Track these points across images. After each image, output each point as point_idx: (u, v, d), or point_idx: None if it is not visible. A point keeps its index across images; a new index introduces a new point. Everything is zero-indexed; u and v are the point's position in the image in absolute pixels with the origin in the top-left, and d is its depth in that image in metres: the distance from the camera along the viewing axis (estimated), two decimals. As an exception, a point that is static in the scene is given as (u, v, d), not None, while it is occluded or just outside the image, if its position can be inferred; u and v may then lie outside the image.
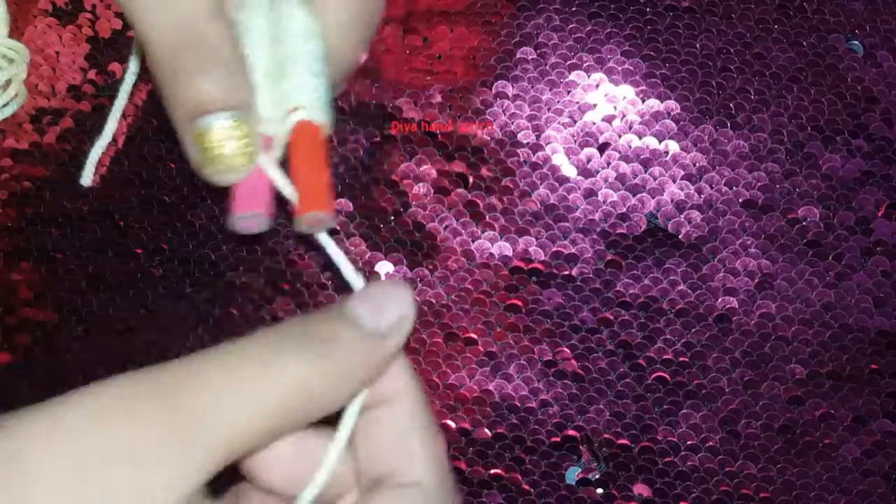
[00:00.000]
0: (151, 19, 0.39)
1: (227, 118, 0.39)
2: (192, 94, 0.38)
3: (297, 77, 0.41)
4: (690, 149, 0.54)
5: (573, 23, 0.54)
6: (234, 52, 0.40)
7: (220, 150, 0.39)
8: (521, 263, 0.54)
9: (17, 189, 0.57)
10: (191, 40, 0.39)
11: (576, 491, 0.53)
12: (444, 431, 0.54)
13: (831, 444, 0.52)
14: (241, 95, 0.39)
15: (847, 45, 0.53)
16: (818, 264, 0.53)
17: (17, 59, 0.57)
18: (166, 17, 0.38)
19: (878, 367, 0.52)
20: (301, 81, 0.41)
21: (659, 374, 0.53)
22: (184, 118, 0.39)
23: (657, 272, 0.53)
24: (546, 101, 0.54)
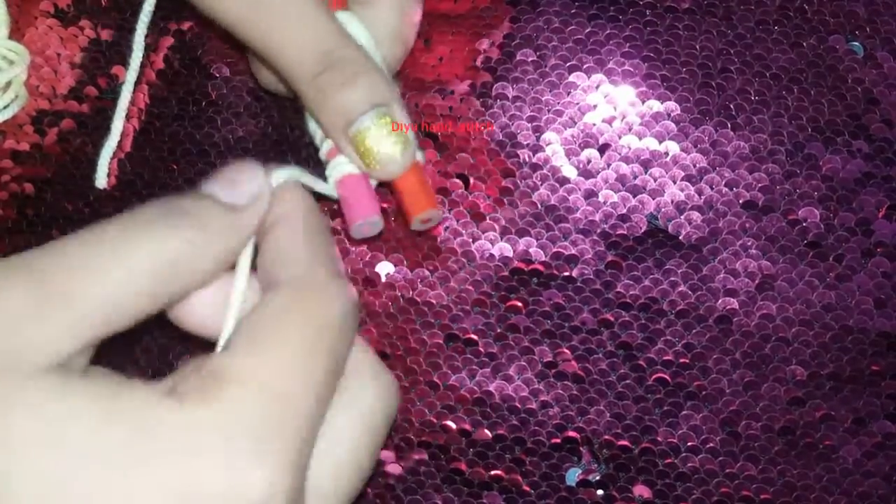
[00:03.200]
0: (291, 47, 0.45)
1: (376, 115, 0.44)
2: (342, 105, 0.44)
3: None
4: (691, 150, 0.54)
5: (573, 25, 0.55)
6: (367, 60, 0.45)
7: (378, 144, 0.44)
8: (522, 264, 0.54)
9: (18, 190, 0.57)
10: (331, 61, 0.44)
11: (576, 492, 0.53)
12: (444, 432, 0.54)
13: (832, 446, 0.52)
14: (385, 94, 0.45)
15: (847, 46, 0.53)
16: (819, 265, 0.53)
17: (18, 60, 0.57)
18: (303, 44, 0.45)
19: (878, 368, 0.52)
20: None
21: (659, 375, 0.53)
22: (340, 127, 0.45)
23: (658, 273, 0.53)
24: (546, 103, 0.54)
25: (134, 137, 0.57)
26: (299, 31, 0.45)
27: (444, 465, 0.54)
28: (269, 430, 0.34)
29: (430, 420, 0.54)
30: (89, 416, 0.33)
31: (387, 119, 0.45)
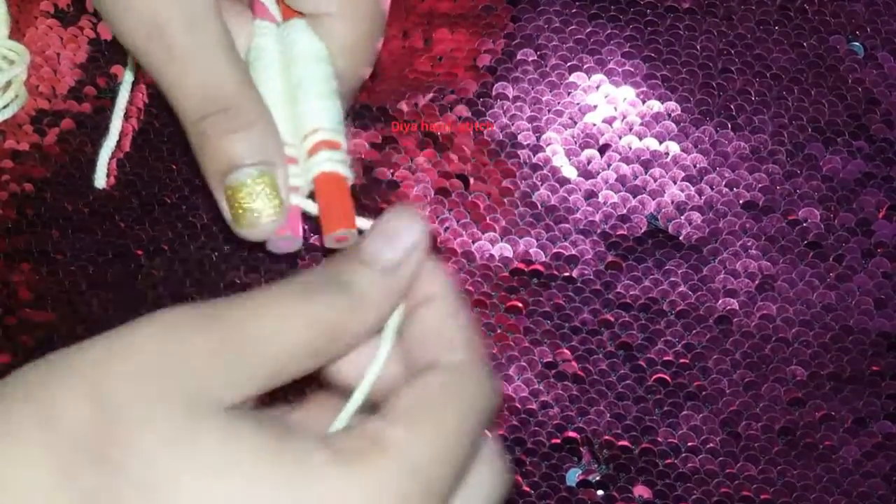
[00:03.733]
0: (181, 86, 0.42)
1: (256, 173, 0.42)
2: (223, 153, 0.42)
3: (311, 101, 0.44)
4: (691, 150, 0.54)
5: (573, 24, 0.54)
6: (261, 111, 0.43)
7: (251, 204, 0.42)
8: (522, 265, 0.54)
9: (18, 190, 0.57)
10: (220, 105, 0.42)
11: (576, 493, 0.53)
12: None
13: (832, 446, 0.52)
14: (270, 152, 0.43)
15: (848, 46, 0.53)
16: (819, 266, 0.53)
17: (18, 60, 0.57)
18: (195, 84, 0.42)
19: (878, 368, 0.52)
20: (316, 105, 0.44)
21: (659, 375, 0.53)
22: (216, 175, 0.42)
23: (658, 274, 0.53)
24: (546, 103, 0.54)
25: (133, 137, 0.57)
26: (194, 71, 0.42)
27: (444, 466, 0.54)
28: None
29: (431, 420, 0.54)
30: (255, 462, 0.35)
31: (267, 179, 0.42)
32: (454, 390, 0.38)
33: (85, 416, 0.34)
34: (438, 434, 0.37)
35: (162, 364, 0.35)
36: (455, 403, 0.38)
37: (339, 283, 0.38)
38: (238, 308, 0.37)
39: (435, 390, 0.38)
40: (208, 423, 0.34)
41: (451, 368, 0.39)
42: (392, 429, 0.37)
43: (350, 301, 0.38)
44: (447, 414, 0.37)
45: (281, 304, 0.37)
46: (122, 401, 0.34)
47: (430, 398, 0.38)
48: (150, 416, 0.34)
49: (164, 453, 0.34)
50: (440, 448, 0.37)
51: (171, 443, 0.34)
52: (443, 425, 0.37)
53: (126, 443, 0.33)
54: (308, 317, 0.37)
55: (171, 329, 0.35)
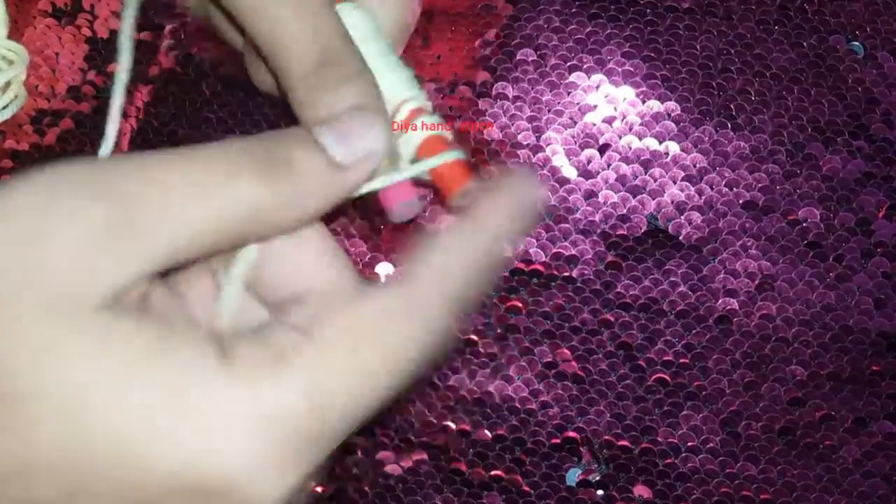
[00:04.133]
0: (296, 44, 0.42)
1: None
2: (337, 103, 0.41)
3: (386, 76, 0.44)
4: (691, 150, 0.54)
5: (573, 24, 0.54)
6: (361, 62, 0.43)
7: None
8: (522, 265, 0.54)
9: (17, 190, 0.57)
10: (330, 58, 0.42)
11: (576, 492, 0.53)
12: (444, 433, 0.54)
13: (832, 446, 0.52)
14: (372, 99, 0.42)
15: (848, 46, 0.53)
16: (819, 266, 0.53)
17: (17, 60, 0.57)
18: (308, 39, 0.42)
19: (878, 368, 0.52)
20: (394, 78, 0.44)
21: (659, 375, 0.53)
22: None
23: (658, 273, 0.53)
24: (546, 103, 0.54)
25: (132, 137, 0.57)
26: (307, 25, 0.42)
27: (444, 466, 0.54)
28: (304, 438, 0.33)
29: (431, 421, 0.54)
30: (128, 372, 0.32)
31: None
32: (395, 323, 0.34)
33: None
34: (358, 368, 0.33)
35: (28, 253, 0.32)
36: (391, 338, 0.34)
37: (276, 160, 0.35)
38: (139, 177, 0.33)
39: (373, 318, 0.34)
40: (79, 327, 0.32)
41: (401, 296, 0.35)
42: (303, 343, 0.34)
43: (286, 186, 0.35)
44: (376, 348, 0.34)
45: (200, 174, 0.34)
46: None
47: (365, 325, 0.34)
48: (13, 322, 0.32)
49: (28, 366, 0.32)
50: (356, 384, 0.33)
51: (38, 352, 0.32)
52: (367, 361, 0.34)
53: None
54: (228, 196, 0.34)
55: (53, 198, 0.32)
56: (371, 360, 0.34)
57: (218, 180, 0.34)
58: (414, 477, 0.54)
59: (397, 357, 0.34)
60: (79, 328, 0.32)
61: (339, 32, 0.43)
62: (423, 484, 0.54)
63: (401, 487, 0.54)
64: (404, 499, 0.54)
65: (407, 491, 0.54)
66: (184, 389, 0.32)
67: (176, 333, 0.33)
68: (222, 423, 0.32)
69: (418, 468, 0.54)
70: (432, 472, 0.54)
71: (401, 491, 0.54)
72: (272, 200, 0.35)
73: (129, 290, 0.33)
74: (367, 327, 0.34)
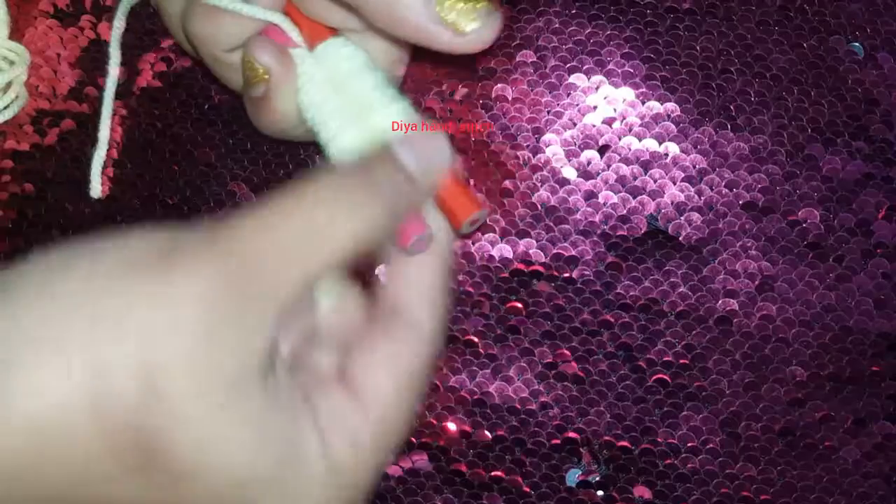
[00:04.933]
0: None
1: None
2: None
3: (383, 108, 0.45)
4: (690, 151, 0.54)
5: (573, 26, 0.54)
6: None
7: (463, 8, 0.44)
8: (522, 266, 0.54)
9: (18, 191, 0.57)
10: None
11: (576, 493, 0.53)
12: (444, 434, 0.54)
13: (832, 447, 0.52)
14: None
15: (848, 47, 0.53)
16: (819, 266, 0.53)
17: (18, 61, 0.57)
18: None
19: (878, 368, 0.52)
20: (392, 110, 0.45)
21: (659, 376, 0.53)
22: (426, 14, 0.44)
23: (658, 274, 0.53)
24: (546, 104, 0.54)
25: (136, 138, 0.57)
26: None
27: (444, 467, 0.54)
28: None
29: (431, 421, 0.54)
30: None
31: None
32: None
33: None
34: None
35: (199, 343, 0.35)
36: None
37: (367, 185, 0.39)
38: (249, 221, 0.37)
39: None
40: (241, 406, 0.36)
41: (414, 329, 0.42)
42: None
43: (375, 213, 0.39)
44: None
45: (311, 220, 0.37)
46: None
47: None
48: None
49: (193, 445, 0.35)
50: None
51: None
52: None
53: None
54: (337, 237, 0.38)
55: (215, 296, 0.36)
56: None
57: (324, 223, 0.37)
58: (414, 478, 0.54)
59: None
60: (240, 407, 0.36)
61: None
62: (423, 485, 0.54)
63: (401, 488, 0.54)
64: (404, 500, 0.54)
65: (407, 492, 0.54)
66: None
67: (301, 423, 0.38)
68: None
69: (418, 469, 0.54)
70: (432, 473, 0.54)
71: (401, 492, 0.54)
72: (367, 232, 0.39)
73: (270, 368, 0.37)
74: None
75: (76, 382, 0.34)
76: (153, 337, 0.34)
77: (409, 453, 0.54)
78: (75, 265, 0.36)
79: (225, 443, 0.35)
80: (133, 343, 0.34)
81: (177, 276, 0.35)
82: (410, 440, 0.54)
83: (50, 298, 0.35)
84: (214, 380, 0.35)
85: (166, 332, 0.34)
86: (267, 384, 0.36)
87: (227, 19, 0.46)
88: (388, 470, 0.54)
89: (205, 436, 0.35)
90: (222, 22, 0.46)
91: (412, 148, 0.41)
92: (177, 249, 0.36)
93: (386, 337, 0.42)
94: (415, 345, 0.42)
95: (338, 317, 0.43)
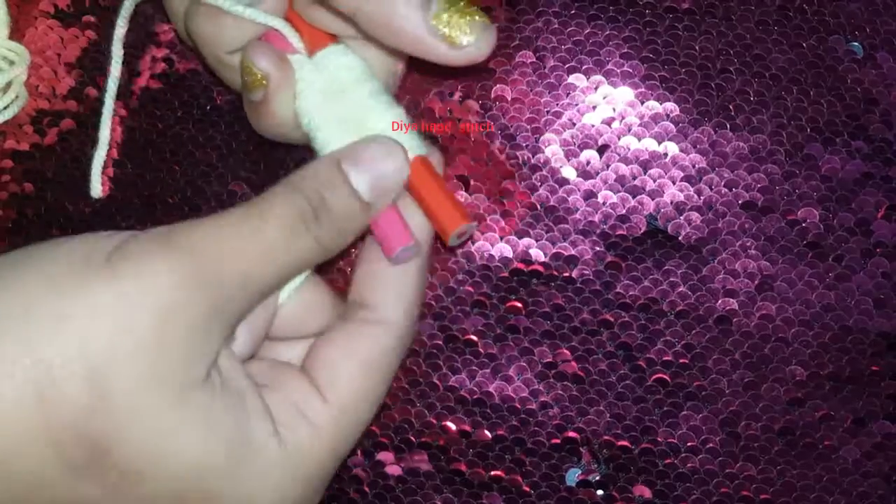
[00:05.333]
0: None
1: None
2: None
3: (380, 116, 0.46)
4: (690, 150, 0.54)
5: (572, 26, 0.54)
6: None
7: (462, 22, 0.45)
8: (522, 265, 0.54)
9: (18, 190, 0.57)
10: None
11: (576, 493, 0.53)
12: (444, 433, 0.54)
13: (831, 446, 0.52)
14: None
15: (847, 46, 0.53)
16: (818, 266, 0.53)
17: (18, 60, 0.57)
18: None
19: (878, 368, 0.52)
20: (388, 117, 0.46)
21: (659, 375, 0.53)
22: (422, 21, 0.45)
23: (657, 274, 0.53)
24: (545, 104, 0.54)
25: (136, 138, 0.57)
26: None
27: (444, 466, 0.54)
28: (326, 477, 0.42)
29: (430, 421, 0.54)
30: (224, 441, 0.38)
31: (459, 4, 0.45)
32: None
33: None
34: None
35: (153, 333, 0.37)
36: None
37: (318, 210, 0.41)
38: (205, 227, 0.39)
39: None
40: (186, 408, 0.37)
41: (379, 327, 0.44)
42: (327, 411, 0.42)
43: (327, 235, 0.41)
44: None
45: (264, 240, 0.40)
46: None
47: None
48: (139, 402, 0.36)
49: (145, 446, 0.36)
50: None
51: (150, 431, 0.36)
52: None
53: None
54: (290, 256, 0.40)
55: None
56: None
57: (278, 243, 0.39)
58: (414, 477, 0.54)
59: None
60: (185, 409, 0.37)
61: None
62: (423, 484, 0.54)
63: (401, 488, 0.54)
64: (404, 499, 0.54)
65: (407, 491, 0.54)
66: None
67: (249, 412, 0.39)
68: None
69: (418, 469, 0.54)
70: (432, 473, 0.54)
71: (401, 491, 0.54)
72: (318, 251, 0.41)
73: (214, 364, 0.39)
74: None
75: (19, 384, 0.34)
76: (98, 338, 0.35)
77: (409, 453, 0.54)
78: (18, 269, 0.36)
79: (173, 438, 0.36)
80: (76, 344, 0.35)
81: (125, 276, 0.36)
82: (410, 439, 0.54)
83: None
84: (163, 380, 0.36)
85: (114, 334, 0.35)
86: (210, 377, 0.37)
87: (229, 21, 0.46)
88: (388, 469, 0.54)
89: (153, 433, 0.35)
90: (224, 23, 0.46)
91: (364, 170, 0.43)
92: (123, 250, 0.36)
93: (348, 329, 0.43)
94: (379, 337, 0.43)
95: (300, 309, 0.44)
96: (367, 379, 0.43)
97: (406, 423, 0.54)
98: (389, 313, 0.44)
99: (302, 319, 0.45)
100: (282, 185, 0.41)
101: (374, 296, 0.44)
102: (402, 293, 0.44)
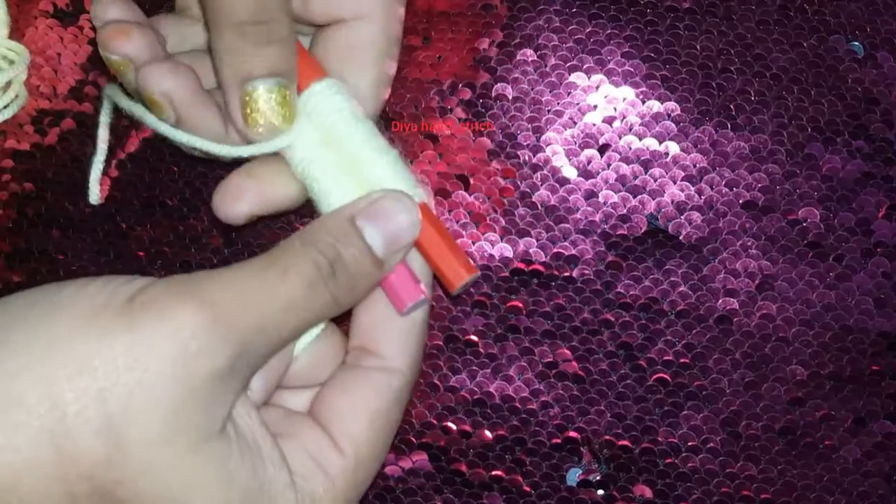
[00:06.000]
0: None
1: (275, 84, 0.45)
2: (255, 62, 0.44)
3: (374, 161, 0.45)
4: (691, 150, 0.54)
5: (573, 24, 0.54)
6: (290, 29, 0.45)
7: (263, 110, 0.45)
8: (522, 265, 0.54)
9: (18, 190, 0.57)
10: (265, 16, 0.44)
11: (577, 492, 0.53)
12: (445, 434, 0.54)
13: (832, 446, 0.52)
14: (289, 66, 0.45)
15: (847, 46, 0.53)
16: (819, 265, 0.53)
17: (18, 60, 0.57)
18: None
19: (878, 368, 0.52)
20: (383, 162, 0.45)
21: (660, 375, 0.53)
22: (238, 77, 0.44)
23: (658, 273, 0.53)
24: (546, 103, 0.54)
25: (136, 140, 0.57)
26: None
27: (444, 467, 0.54)
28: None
29: (431, 421, 0.54)
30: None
31: (282, 92, 0.45)
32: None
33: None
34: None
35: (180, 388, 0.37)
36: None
37: (335, 267, 0.41)
38: (221, 277, 0.39)
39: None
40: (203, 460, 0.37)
41: (388, 375, 0.43)
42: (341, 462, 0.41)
43: (342, 293, 0.41)
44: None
45: (284, 297, 0.40)
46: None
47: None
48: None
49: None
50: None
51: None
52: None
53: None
54: (307, 312, 0.40)
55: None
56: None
57: (298, 298, 0.39)
58: (414, 478, 0.54)
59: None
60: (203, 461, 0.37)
61: (279, 2, 0.45)
62: (423, 485, 0.54)
63: (401, 488, 0.54)
64: (404, 500, 0.54)
65: (407, 492, 0.54)
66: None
67: (265, 462, 0.39)
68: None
69: (419, 469, 0.54)
70: (433, 473, 0.54)
71: (401, 492, 0.54)
72: (334, 307, 0.41)
73: (231, 414, 0.39)
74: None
75: (34, 434, 0.34)
76: (115, 386, 0.35)
77: (409, 453, 0.54)
78: (43, 309, 0.36)
79: (190, 490, 0.36)
80: (94, 392, 0.35)
81: (146, 325, 0.36)
82: (411, 440, 0.54)
83: (9, 353, 0.35)
84: (180, 432, 0.36)
85: (132, 383, 0.35)
86: (227, 427, 0.37)
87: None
88: (388, 470, 0.54)
89: (169, 485, 0.35)
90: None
91: (380, 227, 0.42)
92: (143, 297, 0.36)
93: (357, 377, 0.43)
94: (388, 386, 0.43)
95: (314, 359, 0.45)
96: (379, 428, 0.43)
97: (406, 423, 0.54)
98: (397, 362, 0.44)
99: (315, 369, 0.44)
100: (298, 240, 0.41)
101: (381, 345, 0.44)
102: (408, 342, 0.44)
